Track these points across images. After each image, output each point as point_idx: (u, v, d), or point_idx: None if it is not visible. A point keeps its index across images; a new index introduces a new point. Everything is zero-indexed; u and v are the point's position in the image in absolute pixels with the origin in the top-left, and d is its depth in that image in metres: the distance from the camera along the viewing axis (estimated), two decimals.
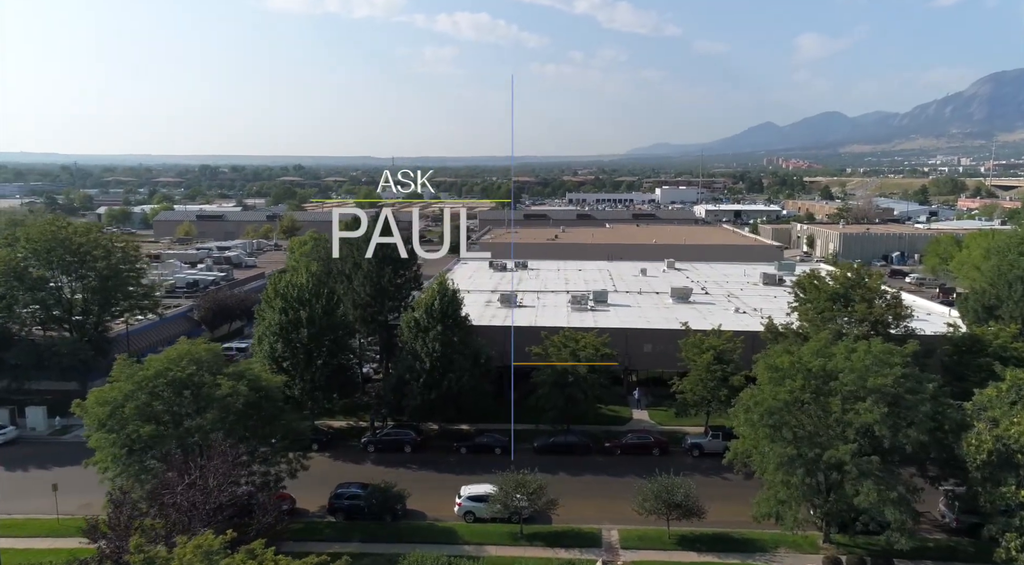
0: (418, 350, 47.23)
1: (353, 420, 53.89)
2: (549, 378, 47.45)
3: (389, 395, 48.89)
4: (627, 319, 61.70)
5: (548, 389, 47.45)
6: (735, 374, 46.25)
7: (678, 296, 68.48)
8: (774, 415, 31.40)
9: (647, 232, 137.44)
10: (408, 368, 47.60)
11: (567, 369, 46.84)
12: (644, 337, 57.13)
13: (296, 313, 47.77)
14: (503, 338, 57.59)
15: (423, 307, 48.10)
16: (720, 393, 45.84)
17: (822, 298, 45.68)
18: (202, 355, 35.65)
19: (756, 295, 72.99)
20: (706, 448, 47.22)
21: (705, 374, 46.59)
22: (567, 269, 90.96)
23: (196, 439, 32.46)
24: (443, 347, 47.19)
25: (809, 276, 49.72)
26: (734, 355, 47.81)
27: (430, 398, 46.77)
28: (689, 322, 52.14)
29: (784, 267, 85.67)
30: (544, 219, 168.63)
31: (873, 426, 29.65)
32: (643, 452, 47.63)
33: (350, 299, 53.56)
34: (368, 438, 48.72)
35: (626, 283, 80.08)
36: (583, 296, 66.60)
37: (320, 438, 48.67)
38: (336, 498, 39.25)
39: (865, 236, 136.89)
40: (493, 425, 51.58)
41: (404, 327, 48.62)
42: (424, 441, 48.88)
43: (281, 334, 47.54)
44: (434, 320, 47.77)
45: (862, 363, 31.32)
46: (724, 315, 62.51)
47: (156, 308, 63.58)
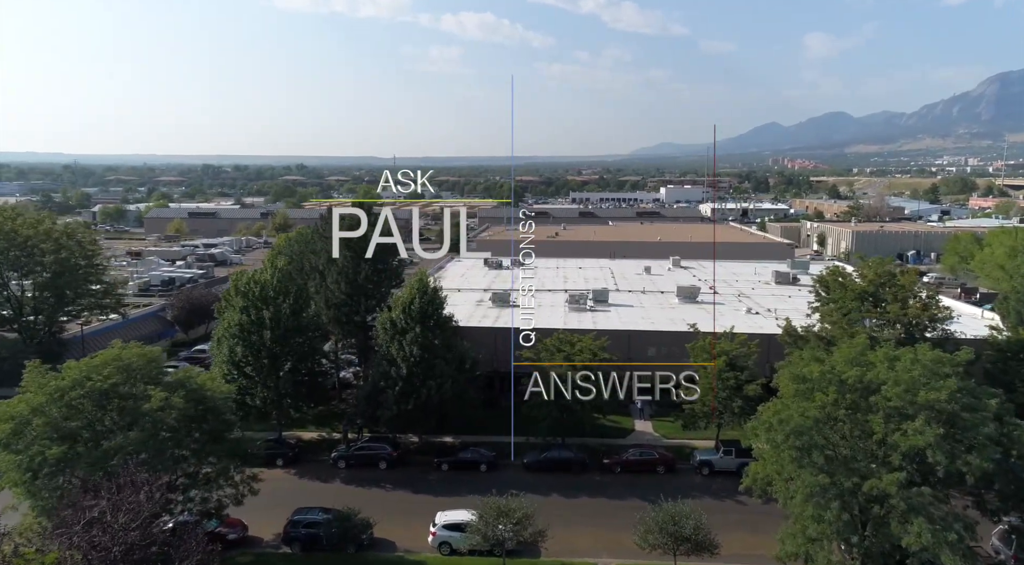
0: (394, 354, 42.17)
1: (326, 431, 48.84)
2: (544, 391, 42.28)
3: (363, 404, 43.84)
4: (629, 320, 56.55)
5: (541, 398, 42.31)
6: (750, 382, 41.10)
7: (684, 295, 63.30)
8: (802, 435, 26.18)
9: (651, 230, 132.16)
10: (383, 375, 42.54)
11: (562, 376, 41.67)
12: (648, 339, 51.96)
13: (259, 313, 42.78)
14: (493, 340, 52.63)
15: (400, 306, 43.04)
16: (733, 404, 40.69)
17: (848, 297, 40.48)
18: (133, 361, 30.61)
19: (769, 295, 67.75)
20: (717, 466, 42.02)
21: (715, 382, 41.43)
22: (566, 267, 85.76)
23: (116, 462, 27.39)
24: (422, 351, 42.12)
25: (833, 273, 44.58)
26: (748, 361, 42.65)
27: (407, 408, 41.71)
28: (698, 324, 46.85)
29: (797, 265, 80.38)
30: (545, 216, 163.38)
31: (925, 451, 24.43)
32: (646, 470, 42.47)
33: (323, 298, 48.52)
34: (339, 452, 43.67)
35: (629, 282, 74.92)
36: (581, 295, 61.47)
37: (285, 452, 43.66)
38: (292, 525, 34.21)
39: (879, 234, 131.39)
40: (480, 437, 46.52)
41: (379, 329, 43.58)
42: (402, 456, 43.82)
43: (241, 336, 42.55)
44: (412, 321, 42.72)
45: (908, 374, 26.09)
46: (735, 316, 57.29)
47: (118, 308, 58.69)
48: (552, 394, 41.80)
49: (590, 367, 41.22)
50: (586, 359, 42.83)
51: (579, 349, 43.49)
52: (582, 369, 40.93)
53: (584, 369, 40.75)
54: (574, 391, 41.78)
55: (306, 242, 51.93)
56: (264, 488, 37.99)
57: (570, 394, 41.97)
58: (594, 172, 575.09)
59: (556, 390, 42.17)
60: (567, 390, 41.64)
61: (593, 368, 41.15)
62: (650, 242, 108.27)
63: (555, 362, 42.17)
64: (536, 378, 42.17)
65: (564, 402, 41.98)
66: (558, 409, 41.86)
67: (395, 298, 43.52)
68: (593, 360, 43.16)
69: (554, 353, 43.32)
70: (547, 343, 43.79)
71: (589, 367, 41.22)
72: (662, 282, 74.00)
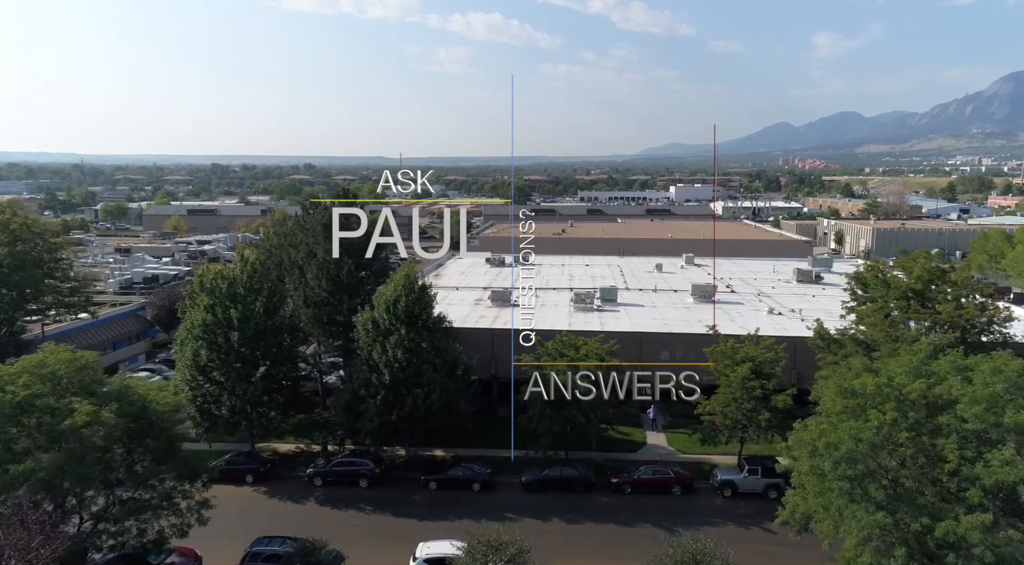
0: (376, 359, 37.49)
1: (306, 443, 44.31)
2: (541, 396, 37.58)
3: (341, 415, 39.20)
4: (640, 321, 51.68)
5: (540, 410, 37.64)
6: (779, 392, 36.21)
7: (700, 294, 58.35)
8: (856, 464, 21.32)
9: (662, 227, 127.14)
10: (363, 382, 37.87)
11: (564, 383, 36.91)
12: (661, 342, 47.05)
13: (226, 312, 38.22)
14: (491, 343, 47.96)
15: (383, 305, 38.36)
16: (760, 416, 35.79)
17: (892, 296, 35.51)
18: (59, 368, 26.09)
19: (790, 294, 62.72)
20: (741, 487, 37.10)
21: (740, 392, 36.57)
22: (572, 264, 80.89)
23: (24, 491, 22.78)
24: (408, 355, 37.43)
25: (873, 268, 39.63)
26: (776, 368, 37.76)
27: (390, 420, 37.03)
28: (718, 326, 41.88)
29: (820, 263, 75.25)
30: (551, 214, 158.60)
31: (1016, 487, 19.54)
32: (660, 490, 37.61)
33: (301, 295, 43.92)
34: (315, 468, 39.02)
35: (639, 280, 70.01)
36: (588, 294, 56.64)
37: (256, 467, 39.08)
38: (251, 558, 29.53)
39: (901, 232, 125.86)
40: (475, 451, 41.84)
41: (360, 330, 38.89)
42: (385, 472, 39.15)
43: (206, 337, 38.00)
44: (397, 321, 38.04)
45: (989, 389, 21.17)
46: (756, 317, 52.36)
47: (88, 306, 54.26)
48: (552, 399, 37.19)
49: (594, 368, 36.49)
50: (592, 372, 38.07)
51: (584, 353, 38.72)
52: (585, 371, 36.21)
53: (587, 370, 36.04)
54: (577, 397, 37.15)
55: (285, 235, 47.44)
56: (229, 508, 33.70)
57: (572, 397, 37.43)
58: (602, 172, 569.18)
59: (558, 397, 37.54)
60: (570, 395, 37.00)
61: (597, 369, 36.43)
62: (661, 239, 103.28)
63: (559, 362, 37.44)
64: (536, 378, 37.53)
65: (567, 413, 37.31)
66: (560, 423, 37.11)
67: (378, 295, 38.86)
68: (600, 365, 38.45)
69: (556, 358, 38.56)
70: (548, 346, 39.03)
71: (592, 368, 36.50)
72: (675, 280, 69.12)
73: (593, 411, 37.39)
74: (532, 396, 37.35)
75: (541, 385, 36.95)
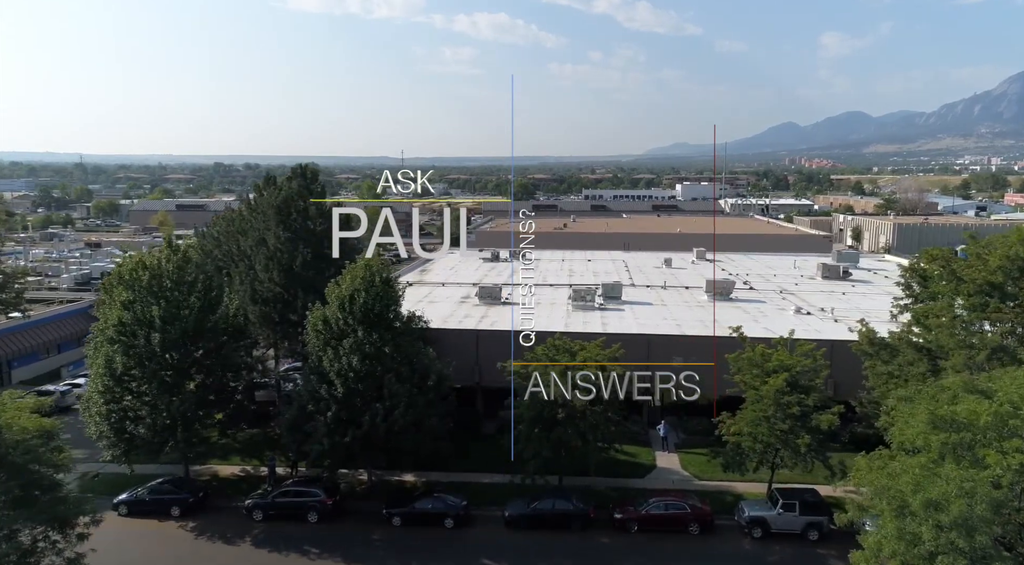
0: (326, 367, 30.71)
1: (255, 464, 37.61)
2: (528, 412, 30.86)
3: (285, 435, 32.44)
4: (648, 321, 44.83)
5: (526, 429, 30.85)
6: (822, 410, 29.34)
7: (718, 292, 51.42)
8: (975, 534, 14.46)
9: (669, 222, 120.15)
10: (311, 394, 31.11)
11: (556, 400, 30.16)
12: (673, 347, 40.09)
13: (147, 309, 31.53)
14: (475, 346, 41.35)
15: (337, 301, 31.56)
16: (799, 440, 28.90)
17: (966, 291, 28.58)
18: None
19: (817, 291, 55.77)
20: (774, 525, 30.13)
21: (773, 409, 29.69)
22: (573, 259, 74.01)
23: None
24: (366, 362, 30.65)
25: (931, 256, 32.80)
26: (816, 379, 30.88)
27: (343, 441, 30.24)
28: (742, 327, 34.88)
29: (846, 258, 68.20)
30: (552, 209, 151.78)
31: None
32: (674, 528, 30.71)
33: (248, 290, 37.21)
34: (254, 499, 32.23)
35: (646, 276, 63.14)
36: (588, 290, 49.80)
37: (184, 497, 32.33)
38: None
39: (924, 228, 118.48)
40: (452, 476, 35.10)
41: (310, 332, 32.07)
42: (340, 503, 32.36)
43: (121, 340, 31.30)
44: (354, 321, 31.26)
45: None
46: (782, 317, 45.49)
47: (18, 305, 47.70)
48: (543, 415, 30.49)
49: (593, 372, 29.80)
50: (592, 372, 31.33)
51: (582, 360, 31.91)
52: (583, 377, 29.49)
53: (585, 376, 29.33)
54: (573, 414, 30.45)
55: (233, 220, 40.76)
56: (140, 551, 27.24)
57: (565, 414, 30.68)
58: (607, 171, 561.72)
59: (548, 415, 30.81)
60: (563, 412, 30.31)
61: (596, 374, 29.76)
62: (669, 234, 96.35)
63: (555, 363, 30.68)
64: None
65: (560, 434, 30.51)
66: (551, 446, 30.28)
67: (330, 289, 32.03)
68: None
69: (547, 365, 31.78)
70: (538, 352, 32.23)
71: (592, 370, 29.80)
72: (686, 277, 62.23)
73: (592, 431, 30.55)
74: (517, 413, 30.78)
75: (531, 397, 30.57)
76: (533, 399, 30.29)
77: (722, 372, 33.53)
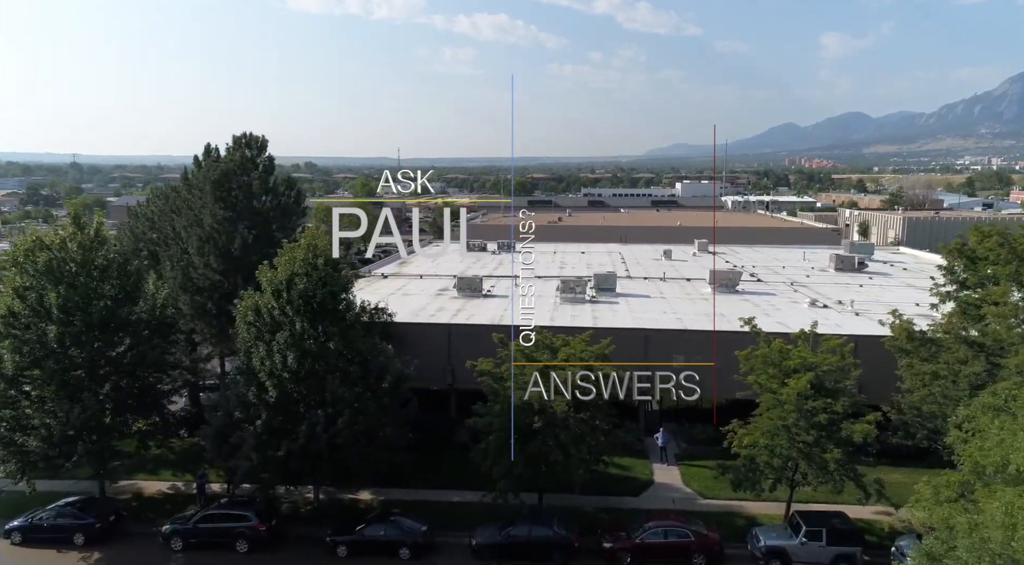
0: (256, 366, 25.52)
1: (187, 479, 32.41)
2: (496, 421, 25.66)
3: (210, 447, 27.24)
4: (646, 315, 39.74)
5: (496, 441, 25.65)
6: (855, 418, 24.20)
7: (722, 283, 46.29)
8: None
9: (669, 216, 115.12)
10: (239, 399, 25.93)
11: (532, 406, 25.03)
12: (673, 343, 34.96)
13: (43, 296, 26.38)
14: (447, 343, 36.24)
15: (271, 287, 26.36)
16: (827, 455, 23.74)
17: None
18: None
19: (831, 283, 50.67)
20: (796, 557, 24.91)
21: (794, 416, 24.54)
22: (566, 251, 68.91)
23: None
24: (305, 360, 25.50)
25: (982, 233, 27.73)
26: (846, 381, 25.71)
27: (275, 455, 25.06)
28: (755, 319, 29.65)
29: (860, 249, 63.13)
30: (548, 204, 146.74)
31: None
32: (675, 558, 25.54)
33: (178, 277, 32.04)
34: (173, 525, 27.00)
35: (644, 268, 58.04)
36: (579, 281, 44.66)
37: (88, 524, 27.07)
38: None
39: (935, 222, 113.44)
40: (417, 494, 30.02)
41: (240, 324, 26.84)
42: (278, 528, 27.21)
43: (13, 334, 26.13)
44: (291, 310, 26.09)
45: None
46: (796, 311, 40.43)
47: None
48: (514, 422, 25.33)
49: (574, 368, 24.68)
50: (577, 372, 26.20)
51: (565, 357, 26.76)
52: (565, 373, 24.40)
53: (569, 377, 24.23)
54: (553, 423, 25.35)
55: (167, 197, 35.60)
56: None
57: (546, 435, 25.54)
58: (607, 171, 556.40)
59: (523, 424, 25.69)
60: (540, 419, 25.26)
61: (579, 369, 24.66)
62: (668, 227, 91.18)
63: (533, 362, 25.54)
64: (491, 408, 25.85)
65: (537, 448, 25.38)
66: (525, 462, 25.11)
67: (262, 272, 26.80)
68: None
69: (524, 364, 26.66)
70: (514, 347, 27.05)
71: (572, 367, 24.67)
72: (687, 269, 57.12)
73: (576, 444, 25.36)
74: (484, 421, 25.67)
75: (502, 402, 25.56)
76: (504, 405, 25.18)
77: (729, 372, 28.47)
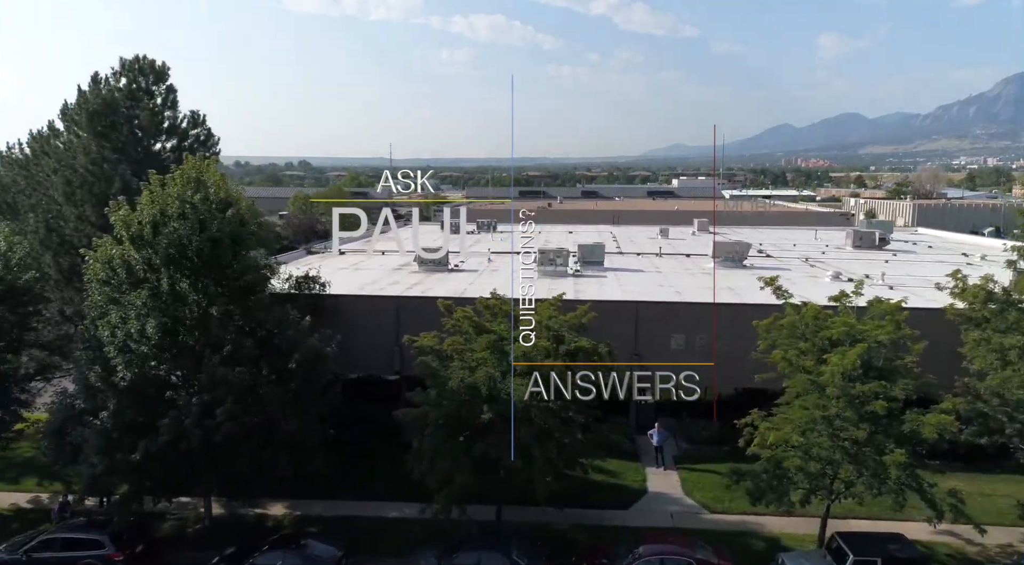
0: (104, 338, 18.78)
1: (58, 488, 25.66)
2: (433, 411, 18.95)
3: (49, 448, 20.43)
4: (637, 288, 33.15)
5: (434, 439, 18.92)
6: (924, 407, 17.63)
7: (728, 256, 39.68)
8: None
9: (666, 204, 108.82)
10: (85, 386, 19.17)
11: (479, 391, 18.39)
12: (670, 319, 28.35)
13: None
14: (398, 319, 29.60)
15: (127, 231, 19.54)
16: (888, 458, 17.12)
17: None
18: None
19: (853, 259, 44.16)
20: None
21: (839, 405, 17.92)
22: (553, 231, 62.27)
23: None
24: (179, 332, 18.76)
25: None
26: (908, 358, 19.05)
27: (128, 459, 18.29)
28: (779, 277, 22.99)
29: (879, 226, 56.63)
30: (539, 195, 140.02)
31: None
32: None
33: (41, 231, 25.29)
34: (7, 552, 20.27)
35: (638, 246, 51.45)
36: (560, 253, 38.09)
37: None
38: None
39: (946, 208, 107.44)
40: (343, 506, 23.34)
41: (90, 283, 20.02)
42: (144, 554, 20.47)
43: None
44: (159, 261, 19.33)
45: None
46: (816, 284, 33.76)
47: None
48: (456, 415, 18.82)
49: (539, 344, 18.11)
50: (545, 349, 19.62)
51: (534, 327, 20.08)
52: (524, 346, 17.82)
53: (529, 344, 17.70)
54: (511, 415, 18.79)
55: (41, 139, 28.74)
56: None
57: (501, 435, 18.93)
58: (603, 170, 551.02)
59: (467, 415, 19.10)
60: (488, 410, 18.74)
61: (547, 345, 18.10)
62: (665, 211, 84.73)
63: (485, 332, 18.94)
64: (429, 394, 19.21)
65: (487, 447, 18.71)
66: (471, 463, 18.42)
67: (113, 208, 19.96)
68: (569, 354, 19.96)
69: (470, 337, 20.04)
70: (458, 316, 20.48)
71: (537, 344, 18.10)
72: (686, 247, 50.56)
73: (540, 444, 18.67)
74: (415, 412, 19.08)
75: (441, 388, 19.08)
76: (443, 391, 18.52)
77: (739, 355, 22.06)
